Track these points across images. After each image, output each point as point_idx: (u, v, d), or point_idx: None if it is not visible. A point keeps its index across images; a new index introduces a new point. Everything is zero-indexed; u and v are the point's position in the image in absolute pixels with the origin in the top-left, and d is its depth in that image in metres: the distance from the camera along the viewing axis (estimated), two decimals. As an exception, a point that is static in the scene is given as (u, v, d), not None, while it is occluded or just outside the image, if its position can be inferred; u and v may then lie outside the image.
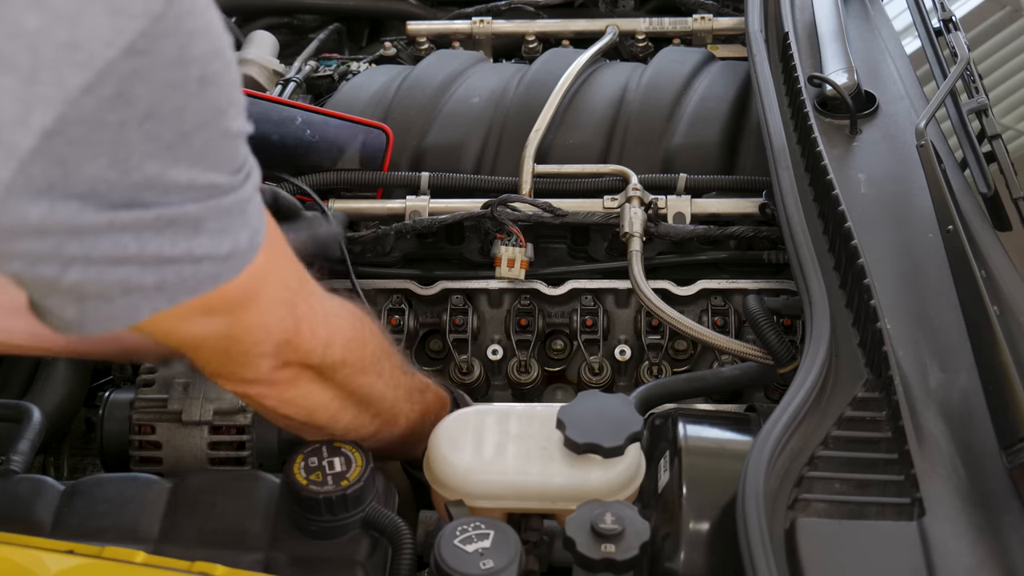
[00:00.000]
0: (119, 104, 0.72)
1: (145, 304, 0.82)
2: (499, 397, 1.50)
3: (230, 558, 1.03)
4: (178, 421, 1.33)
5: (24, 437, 1.25)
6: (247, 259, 0.85)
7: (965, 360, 1.11)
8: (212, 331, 0.91)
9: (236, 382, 1.01)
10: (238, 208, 0.83)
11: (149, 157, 0.75)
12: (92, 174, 0.73)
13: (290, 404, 1.05)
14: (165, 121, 0.74)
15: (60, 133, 0.71)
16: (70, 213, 0.74)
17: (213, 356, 0.97)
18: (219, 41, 0.77)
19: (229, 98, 0.79)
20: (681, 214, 1.48)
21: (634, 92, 1.64)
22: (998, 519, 0.97)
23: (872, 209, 1.29)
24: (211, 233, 0.81)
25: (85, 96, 0.70)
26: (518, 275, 1.46)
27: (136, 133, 0.73)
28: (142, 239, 0.77)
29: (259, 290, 0.91)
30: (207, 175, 0.79)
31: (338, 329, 1.03)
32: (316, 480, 1.07)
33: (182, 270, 0.81)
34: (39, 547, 0.99)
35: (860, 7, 1.69)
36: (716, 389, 1.36)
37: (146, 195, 0.76)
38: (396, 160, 1.58)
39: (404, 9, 2.11)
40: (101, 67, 0.70)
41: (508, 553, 1.00)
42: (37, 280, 0.78)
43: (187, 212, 0.78)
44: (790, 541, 0.96)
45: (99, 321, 0.82)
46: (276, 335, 0.96)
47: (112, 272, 0.78)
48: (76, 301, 0.80)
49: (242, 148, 0.82)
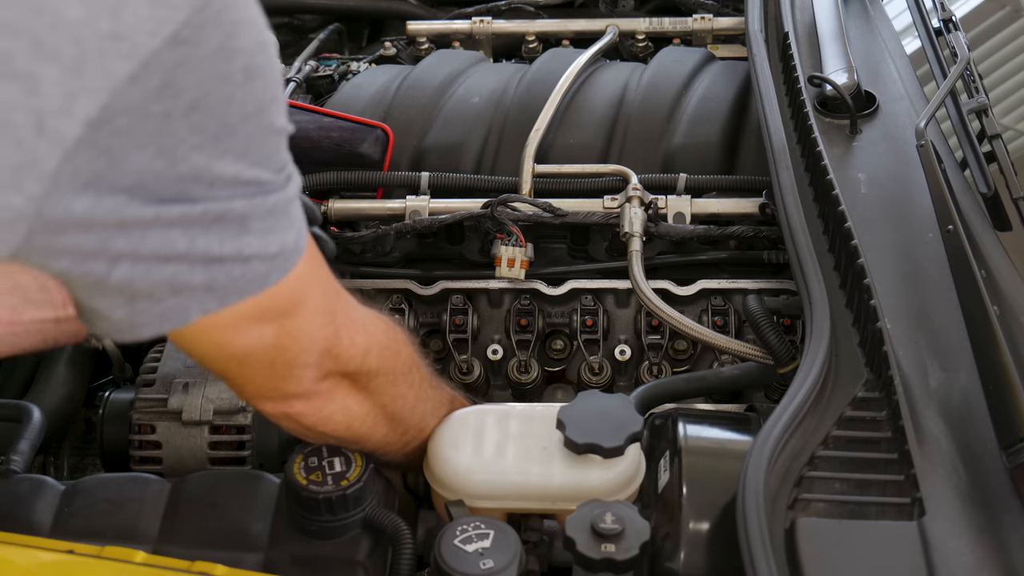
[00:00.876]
0: (165, 94, 0.72)
1: (195, 304, 0.81)
2: (499, 397, 1.50)
3: (230, 558, 1.03)
4: (178, 421, 1.33)
5: (24, 437, 1.25)
6: (293, 260, 0.85)
7: (965, 360, 1.11)
8: (261, 341, 0.90)
9: (278, 399, 1.00)
10: (282, 208, 0.83)
11: (195, 149, 0.75)
12: (138, 165, 0.73)
13: (328, 420, 1.04)
14: (211, 112, 0.74)
15: (106, 123, 0.71)
16: (116, 206, 0.74)
17: (259, 370, 0.95)
18: (263, 35, 0.78)
19: (273, 93, 0.79)
20: (681, 214, 1.48)
21: (634, 92, 1.64)
22: (998, 519, 0.97)
23: (872, 209, 1.29)
24: (258, 232, 0.81)
25: (131, 86, 0.71)
26: (518, 275, 1.46)
27: (182, 124, 0.73)
28: (191, 235, 0.77)
29: (305, 295, 0.90)
30: (252, 170, 0.79)
31: (374, 337, 1.03)
32: (316, 480, 1.07)
33: (232, 270, 0.81)
34: (39, 547, 0.99)
35: (860, 7, 1.69)
36: (716, 389, 1.36)
37: (193, 189, 0.76)
38: (396, 160, 1.58)
39: (404, 9, 2.11)
40: (146, 57, 0.70)
41: (508, 553, 1.00)
42: (85, 278, 0.78)
43: (234, 208, 0.78)
44: (790, 541, 0.96)
45: (150, 322, 0.81)
46: (319, 343, 0.95)
47: (160, 270, 0.78)
48: (126, 302, 0.80)
49: (284, 147, 0.82)
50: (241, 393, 1.00)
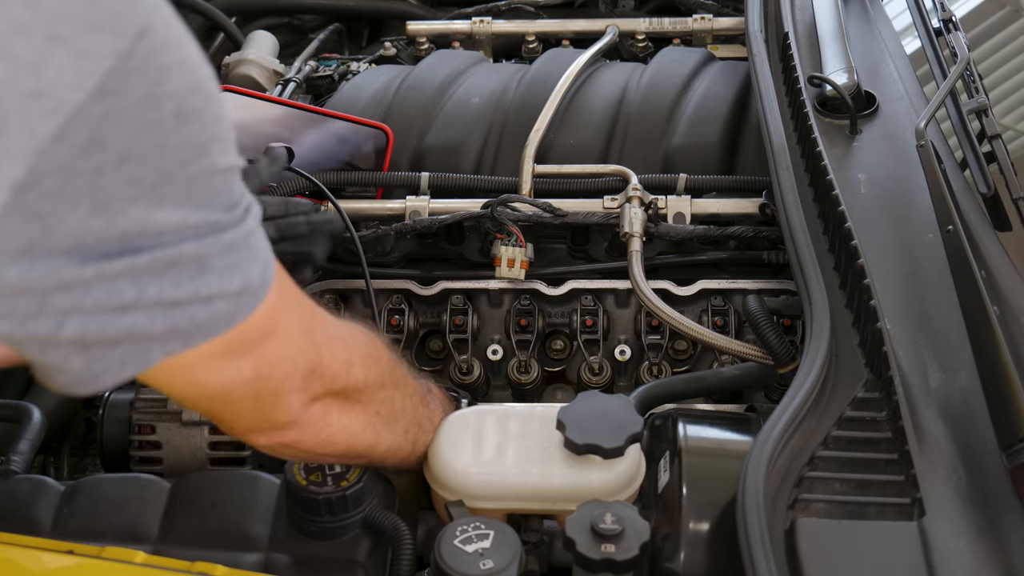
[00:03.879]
0: (93, 149, 0.69)
1: (156, 347, 0.78)
2: (499, 397, 1.50)
3: (230, 558, 1.03)
4: (178, 421, 1.33)
5: (24, 437, 1.25)
6: (260, 295, 0.82)
7: (965, 360, 1.11)
8: (239, 375, 0.88)
9: (271, 431, 0.97)
10: (242, 243, 0.80)
11: (132, 201, 0.72)
12: (74, 227, 0.70)
13: (328, 443, 1.01)
14: (144, 162, 0.71)
15: (33, 186, 0.68)
16: (51, 269, 0.71)
17: (244, 404, 0.92)
18: (196, 75, 0.74)
19: (213, 133, 0.75)
20: (681, 214, 1.48)
21: (634, 92, 1.64)
22: (998, 519, 0.97)
23: (872, 209, 1.29)
24: (219, 271, 0.78)
25: (56, 144, 0.68)
26: (518, 275, 1.46)
27: (114, 178, 0.70)
28: (140, 284, 0.74)
29: (277, 322, 0.88)
30: (199, 214, 0.75)
31: (355, 349, 1.01)
32: (316, 481, 1.07)
33: (195, 313, 0.78)
34: (39, 547, 0.99)
35: (860, 7, 1.69)
36: (716, 389, 1.36)
37: (138, 241, 0.73)
38: (396, 160, 1.58)
39: (404, 9, 2.12)
40: (70, 112, 0.68)
41: (508, 553, 1.00)
42: (32, 338, 0.75)
43: (185, 251, 0.75)
44: (790, 541, 0.96)
45: (110, 368, 0.78)
46: (302, 366, 0.93)
47: (116, 322, 0.75)
48: (80, 351, 0.76)
49: (235, 183, 0.79)
50: (231, 430, 0.97)
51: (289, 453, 1.02)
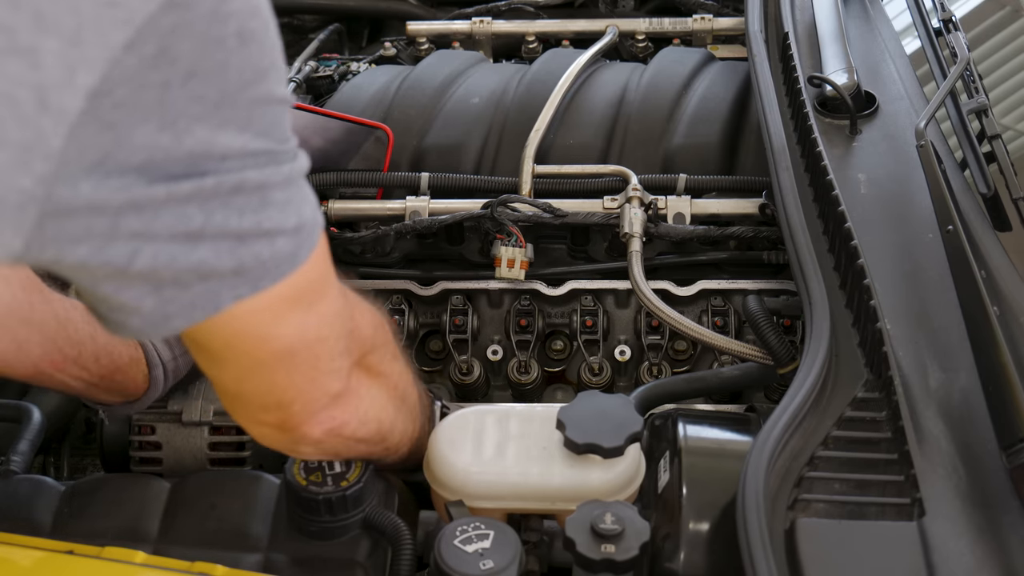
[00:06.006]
0: (161, 62, 0.70)
1: (225, 290, 0.79)
2: (499, 397, 1.50)
3: (230, 558, 1.03)
4: (178, 421, 1.33)
5: (24, 437, 1.25)
6: (315, 235, 0.83)
7: (965, 360, 1.11)
8: (304, 334, 0.87)
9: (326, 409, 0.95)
10: (298, 178, 0.80)
11: (197, 120, 0.73)
12: (144, 141, 0.72)
13: (365, 421, 1.01)
14: (208, 80, 0.72)
15: (106, 94, 0.69)
16: (123, 185, 0.72)
17: (305, 373, 0.91)
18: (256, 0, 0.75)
19: (272, 61, 0.77)
20: (681, 214, 1.48)
21: (634, 92, 1.64)
22: (998, 519, 0.97)
23: (872, 209, 1.29)
24: (279, 205, 0.78)
25: (128, 54, 0.69)
26: (518, 275, 1.46)
27: (181, 93, 0.72)
28: (207, 209, 0.75)
29: (328, 275, 0.88)
30: (259, 141, 0.76)
31: (368, 312, 1.01)
32: (316, 481, 1.07)
33: (260, 251, 0.78)
34: (39, 547, 0.99)
35: (860, 7, 1.69)
36: (716, 389, 1.36)
37: (203, 164, 0.74)
38: (396, 160, 1.58)
39: (404, 9, 2.11)
40: (141, 22, 0.69)
41: (508, 553, 1.00)
42: (106, 267, 0.76)
43: (249, 179, 0.76)
44: (790, 541, 0.96)
45: (180, 311, 0.79)
46: (347, 326, 0.92)
47: (185, 255, 0.76)
48: (152, 290, 0.77)
49: (287, 119, 0.80)
50: (288, 419, 0.94)
51: (331, 444, 1.01)
